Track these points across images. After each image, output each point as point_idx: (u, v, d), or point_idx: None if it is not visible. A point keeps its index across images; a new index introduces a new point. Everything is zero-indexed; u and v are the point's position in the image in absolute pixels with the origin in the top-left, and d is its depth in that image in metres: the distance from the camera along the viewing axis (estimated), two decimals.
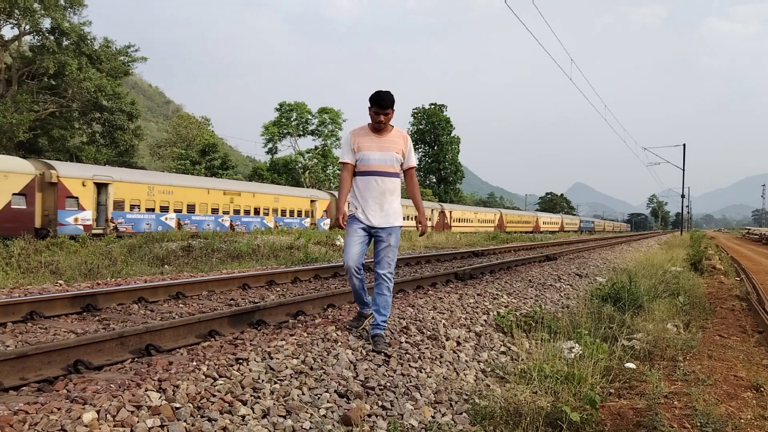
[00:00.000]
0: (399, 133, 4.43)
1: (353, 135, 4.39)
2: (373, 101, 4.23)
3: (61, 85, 36.04)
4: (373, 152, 4.30)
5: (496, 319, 6.31)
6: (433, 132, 67.42)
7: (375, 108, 4.25)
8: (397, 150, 4.36)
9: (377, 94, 4.23)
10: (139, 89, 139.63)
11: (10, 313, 5.70)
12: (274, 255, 16.07)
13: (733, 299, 9.53)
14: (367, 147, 4.31)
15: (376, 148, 4.30)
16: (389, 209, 4.36)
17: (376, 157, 4.30)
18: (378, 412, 3.56)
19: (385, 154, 4.31)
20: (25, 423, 2.65)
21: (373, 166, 4.30)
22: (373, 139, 4.33)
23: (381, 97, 4.20)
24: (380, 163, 4.30)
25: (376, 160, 4.30)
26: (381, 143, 4.32)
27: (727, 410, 3.86)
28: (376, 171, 4.30)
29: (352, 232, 4.38)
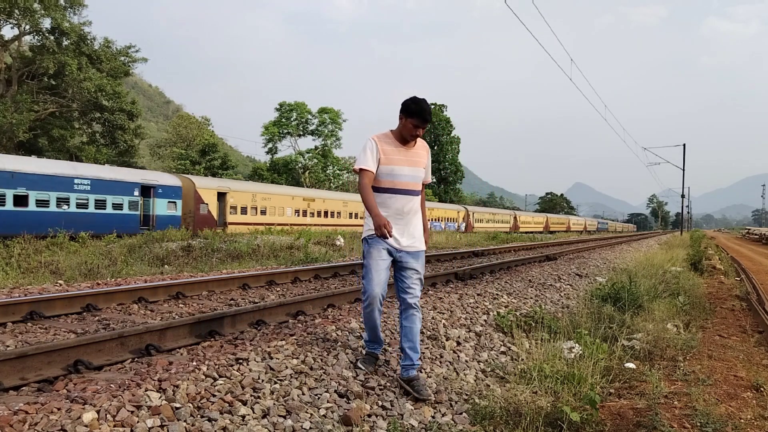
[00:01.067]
0: (422, 144, 3.87)
1: (379, 142, 3.73)
2: (413, 112, 3.63)
3: (61, 85, 36.05)
4: (403, 167, 3.73)
5: (496, 319, 6.31)
6: (433, 132, 67.40)
7: (415, 120, 3.63)
8: (423, 165, 3.85)
9: (419, 105, 3.63)
10: (139, 89, 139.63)
11: (10, 313, 5.70)
12: (274, 255, 16.07)
13: (733, 299, 9.53)
14: (397, 161, 3.72)
15: (406, 162, 3.74)
16: (415, 231, 3.82)
17: (406, 173, 3.73)
18: (378, 412, 3.56)
19: (414, 170, 3.78)
20: (25, 423, 2.65)
21: (402, 183, 3.73)
22: (401, 151, 3.75)
23: (423, 108, 3.61)
24: (410, 180, 3.75)
25: (406, 177, 3.73)
26: (409, 157, 3.76)
27: (727, 410, 3.86)
28: (405, 189, 3.73)
29: (378, 254, 3.74)
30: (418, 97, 3.66)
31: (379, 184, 3.73)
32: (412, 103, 3.63)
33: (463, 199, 76.46)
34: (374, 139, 3.75)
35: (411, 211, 3.78)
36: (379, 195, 3.72)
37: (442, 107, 69.28)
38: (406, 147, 3.76)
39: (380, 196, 3.72)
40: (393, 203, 3.72)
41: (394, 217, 3.71)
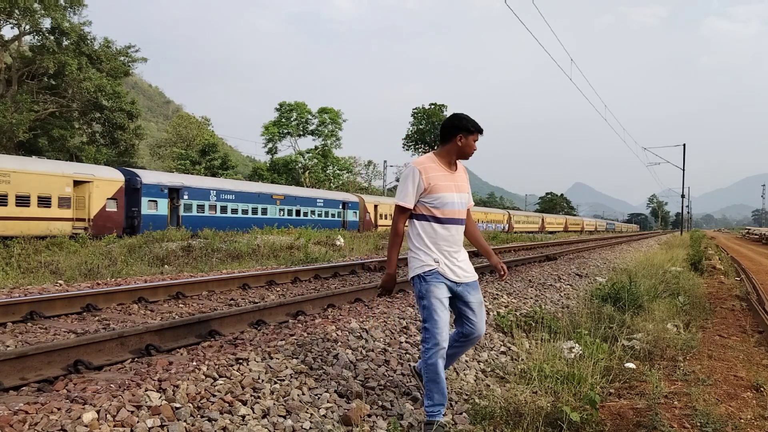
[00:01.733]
0: (462, 167, 3.55)
1: (423, 170, 3.33)
2: (474, 128, 3.36)
3: (61, 85, 36.04)
4: (452, 194, 3.36)
5: (496, 319, 6.31)
6: (433, 132, 67.38)
7: (476, 135, 3.39)
8: (467, 190, 3.52)
9: (470, 120, 3.39)
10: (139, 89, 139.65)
11: (10, 313, 5.71)
12: (274, 255, 16.07)
13: (733, 299, 9.53)
14: (445, 187, 3.34)
15: (454, 188, 3.39)
16: (466, 261, 3.50)
17: (456, 200, 3.38)
18: (378, 412, 3.56)
19: (462, 196, 3.44)
20: (25, 423, 2.65)
21: (455, 212, 3.38)
22: (447, 176, 3.37)
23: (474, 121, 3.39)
24: (459, 208, 3.42)
25: (456, 205, 3.38)
26: (456, 181, 3.41)
27: (727, 410, 3.86)
28: (454, 219, 3.39)
29: (440, 292, 3.33)
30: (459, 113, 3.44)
31: (429, 212, 3.36)
32: (465, 121, 3.37)
33: None
34: (417, 167, 3.35)
35: (459, 240, 3.45)
36: (435, 226, 3.35)
37: (442, 107, 69.27)
38: (450, 171, 3.41)
39: (435, 227, 3.35)
40: (446, 233, 3.36)
41: (447, 248, 3.35)
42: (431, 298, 3.30)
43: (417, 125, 68.77)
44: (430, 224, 3.36)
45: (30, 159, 21.62)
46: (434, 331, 3.29)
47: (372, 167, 71.58)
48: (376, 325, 5.16)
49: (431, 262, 3.33)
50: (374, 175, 71.25)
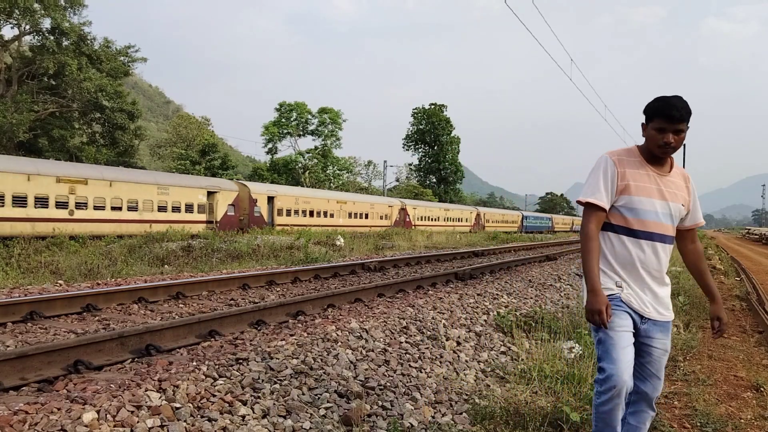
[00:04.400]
0: (681, 172, 2.70)
1: (618, 162, 2.62)
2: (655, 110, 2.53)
3: (61, 85, 36.03)
4: (653, 200, 2.58)
5: (496, 319, 6.31)
6: (433, 132, 67.40)
7: (659, 121, 2.51)
8: (682, 200, 2.64)
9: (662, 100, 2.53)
10: (139, 89, 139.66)
11: (10, 313, 5.70)
12: (274, 255, 16.07)
13: (733, 299, 9.53)
14: (644, 190, 2.58)
15: (657, 193, 2.59)
16: (665, 294, 2.68)
17: (657, 209, 2.58)
18: (378, 412, 3.56)
19: (667, 205, 2.60)
20: (25, 423, 2.65)
21: (649, 223, 2.58)
22: (651, 177, 2.60)
23: (669, 103, 2.49)
24: (662, 220, 2.59)
25: (657, 215, 2.58)
26: (663, 185, 2.60)
27: (727, 410, 3.86)
28: (654, 233, 2.59)
29: (621, 324, 2.59)
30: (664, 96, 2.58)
31: (614, 221, 2.64)
32: (654, 101, 2.55)
33: (464, 199, 76.49)
34: (610, 157, 2.64)
35: (662, 264, 2.63)
36: (613, 237, 2.65)
37: (442, 107, 69.27)
38: (658, 171, 2.61)
39: (625, 239, 2.62)
40: (640, 251, 2.60)
41: (635, 271, 2.61)
42: (611, 329, 2.56)
43: (417, 125, 68.77)
44: (618, 237, 2.63)
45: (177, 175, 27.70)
46: (610, 369, 2.52)
47: (372, 167, 71.63)
48: (376, 325, 5.16)
49: (612, 286, 2.61)
50: (374, 175, 71.30)
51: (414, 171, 71.27)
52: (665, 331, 2.67)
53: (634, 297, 2.61)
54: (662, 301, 2.66)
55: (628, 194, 2.58)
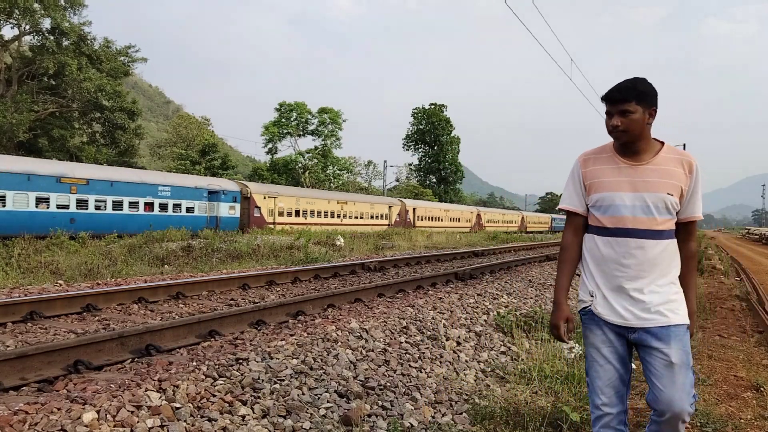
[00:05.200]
0: (675, 155, 2.37)
1: (583, 162, 2.50)
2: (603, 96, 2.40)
3: (61, 85, 36.04)
4: (622, 193, 2.36)
5: (496, 319, 6.31)
6: (433, 132, 67.41)
7: (606, 105, 2.37)
8: (667, 188, 2.32)
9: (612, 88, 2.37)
10: (139, 89, 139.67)
11: (10, 313, 5.70)
12: (274, 255, 16.08)
13: (733, 299, 9.53)
14: (611, 185, 2.39)
15: (628, 186, 2.36)
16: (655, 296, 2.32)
17: (628, 202, 2.35)
18: (378, 412, 3.56)
19: (640, 196, 2.34)
20: (25, 423, 2.65)
21: (625, 220, 2.35)
22: (622, 169, 2.38)
23: (613, 86, 2.35)
24: (640, 215, 2.33)
25: (631, 209, 2.34)
26: (637, 176, 2.35)
27: (727, 410, 3.86)
28: (627, 229, 2.34)
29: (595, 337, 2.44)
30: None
31: (591, 222, 2.48)
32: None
33: (464, 199, 76.49)
34: (579, 159, 2.52)
35: (644, 263, 2.32)
36: (597, 239, 2.43)
37: (442, 107, 69.28)
38: (632, 161, 2.37)
39: (597, 240, 2.43)
40: (611, 250, 2.37)
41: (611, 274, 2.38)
42: (586, 347, 2.47)
43: (417, 125, 68.78)
44: (593, 238, 2.45)
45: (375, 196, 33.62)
46: (590, 392, 2.45)
47: (372, 167, 71.64)
48: (376, 325, 5.16)
49: (585, 297, 2.46)
50: (374, 175, 71.31)
51: (414, 171, 71.29)
52: (663, 338, 2.29)
53: (608, 306, 2.38)
54: (650, 305, 2.31)
55: (596, 192, 2.43)
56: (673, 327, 2.29)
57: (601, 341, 2.40)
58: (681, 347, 2.28)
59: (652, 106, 2.31)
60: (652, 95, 2.31)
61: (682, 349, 2.28)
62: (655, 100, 2.32)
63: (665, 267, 2.34)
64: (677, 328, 2.30)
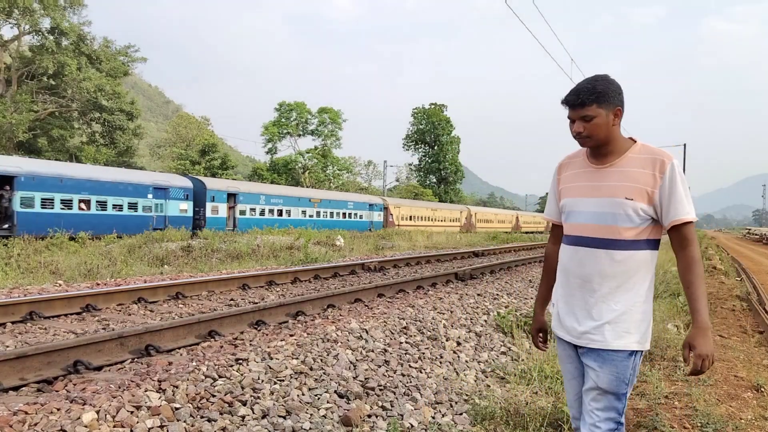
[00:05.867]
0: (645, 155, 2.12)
1: (559, 168, 2.38)
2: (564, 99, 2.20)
3: (60, 85, 36.05)
4: (584, 198, 2.20)
5: (497, 320, 6.31)
6: (433, 132, 67.41)
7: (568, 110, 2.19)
8: (627, 192, 2.09)
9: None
10: (139, 89, 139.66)
11: (10, 314, 5.70)
12: (274, 255, 16.07)
13: (734, 299, 9.52)
14: (574, 190, 2.24)
15: (588, 191, 2.19)
16: (604, 311, 2.11)
17: (586, 208, 2.18)
18: (378, 413, 3.55)
19: (600, 203, 2.15)
20: (25, 423, 2.65)
21: (578, 227, 2.20)
22: (588, 171, 2.22)
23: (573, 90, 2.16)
24: (599, 222, 2.14)
25: (590, 216, 2.17)
26: (599, 180, 2.17)
27: (727, 410, 3.86)
28: (583, 238, 2.17)
29: (560, 355, 2.36)
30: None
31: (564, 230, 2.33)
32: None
33: (464, 199, 76.49)
34: (557, 165, 2.40)
35: (596, 276, 2.13)
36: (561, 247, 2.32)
37: (442, 107, 69.29)
38: (597, 164, 2.19)
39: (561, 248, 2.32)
40: (568, 261, 2.23)
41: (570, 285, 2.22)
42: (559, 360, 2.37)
43: (417, 125, 68.78)
44: (562, 247, 2.31)
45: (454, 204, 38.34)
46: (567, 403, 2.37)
47: (372, 167, 71.64)
48: (376, 326, 5.16)
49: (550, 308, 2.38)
50: (374, 175, 71.30)
51: (414, 171, 71.28)
52: (601, 362, 2.09)
53: (558, 320, 2.27)
54: (594, 323, 2.12)
55: (563, 198, 2.31)
56: (611, 351, 2.08)
57: (565, 356, 2.32)
58: (614, 373, 2.08)
59: (616, 106, 2.12)
60: (615, 94, 2.12)
61: (615, 376, 2.07)
62: (619, 99, 2.13)
63: (624, 281, 2.10)
64: (616, 354, 2.08)
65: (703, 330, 2.03)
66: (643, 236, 2.10)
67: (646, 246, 2.11)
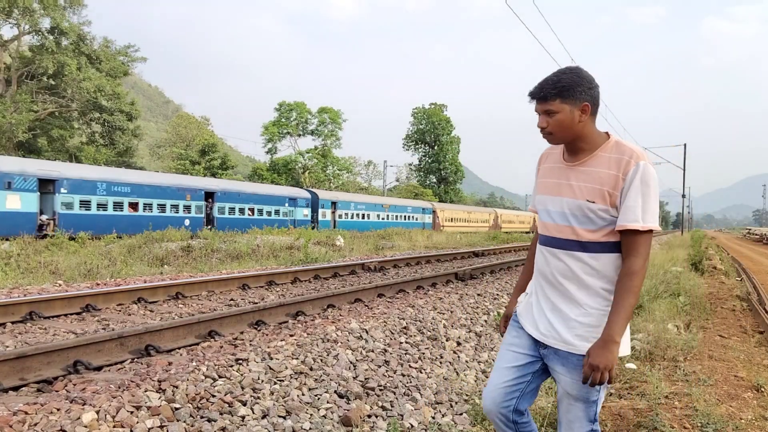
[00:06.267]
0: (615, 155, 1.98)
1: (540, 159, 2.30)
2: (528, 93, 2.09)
3: (60, 85, 36.05)
4: (551, 197, 2.13)
5: (497, 320, 6.31)
6: (433, 132, 67.41)
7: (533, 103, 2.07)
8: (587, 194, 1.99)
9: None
10: (139, 89, 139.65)
11: (10, 314, 5.70)
12: (274, 255, 16.07)
13: (734, 299, 9.52)
14: (546, 187, 2.17)
15: (555, 188, 2.11)
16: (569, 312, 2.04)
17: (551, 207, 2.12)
18: (378, 413, 3.55)
19: (561, 202, 2.07)
20: (25, 423, 2.64)
21: (550, 227, 2.12)
22: (560, 168, 2.12)
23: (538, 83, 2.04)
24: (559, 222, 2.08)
25: (554, 216, 2.10)
26: (568, 177, 2.07)
27: (727, 410, 3.85)
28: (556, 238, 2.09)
29: (509, 340, 2.24)
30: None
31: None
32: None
33: (464, 199, 76.49)
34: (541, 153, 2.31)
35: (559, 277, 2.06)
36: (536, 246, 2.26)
37: (442, 107, 69.29)
38: (569, 162, 2.08)
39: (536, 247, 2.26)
40: (538, 260, 2.19)
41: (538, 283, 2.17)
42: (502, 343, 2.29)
43: (417, 125, 68.78)
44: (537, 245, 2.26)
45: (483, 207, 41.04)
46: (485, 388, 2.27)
47: (372, 167, 71.64)
48: (376, 326, 5.16)
49: (521, 298, 2.30)
50: (374, 175, 71.30)
51: (414, 171, 71.28)
52: (569, 366, 2.00)
53: (528, 314, 2.17)
54: (569, 325, 2.02)
55: (537, 193, 2.23)
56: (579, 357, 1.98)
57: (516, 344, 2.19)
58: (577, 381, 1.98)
59: (583, 101, 1.96)
60: (582, 88, 1.96)
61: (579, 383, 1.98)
62: (587, 94, 1.97)
63: (589, 284, 2.00)
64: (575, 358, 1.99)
65: (605, 341, 1.88)
66: (610, 239, 1.98)
67: (616, 249, 1.99)
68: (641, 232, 1.90)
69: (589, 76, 2.02)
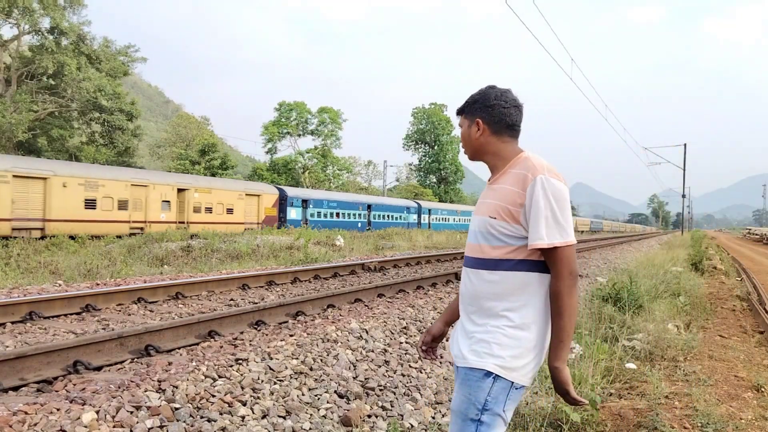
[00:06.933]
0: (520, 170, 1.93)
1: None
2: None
3: (60, 85, 36.03)
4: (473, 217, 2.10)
5: None
6: (434, 132, 67.42)
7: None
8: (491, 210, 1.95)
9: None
10: (139, 89, 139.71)
11: (10, 314, 5.69)
12: (274, 255, 16.07)
13: (734, 299, 9.52)
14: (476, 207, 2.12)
15: (476, 208, 2.09)
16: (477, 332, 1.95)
17: (471, 226, 2.09)
18: (378, 413, 3.55)
19: (476, 220, 2.04)
20: (25, 423, 2.64)
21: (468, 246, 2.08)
22: (486, 188, 2.09)
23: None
24: (472, 241, 2.05)
25: (469, 235, 2.09)
26: (483, 197, 2.07)
27: (727, 410, 3.85)
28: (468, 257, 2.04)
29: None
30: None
31: None
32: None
33: (464, 199, 76.50)
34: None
35: (475, 296, 1.98)
36: None
37: (443, 107, 69.30)
38: (490, 180, 2.06)
39: None
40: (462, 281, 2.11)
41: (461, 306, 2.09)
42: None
43: (417, 125, 68.78)
44: None
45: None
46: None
47: (372, 167, 71.65)
48: (376, 326, 5.15)
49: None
50: (374, 175, 71.31)
51: (414, 171, 71.28)
52: (461, 381, 1.93)
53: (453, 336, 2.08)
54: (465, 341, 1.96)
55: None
56: (467, 370, 1.91)
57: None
58: (466, 394, 1.89)
59: (474, 117, 1.98)
60: (478, 105, 1.99)
61: (467, 397, 1.89)
62: (484, 111, 1.97)
63: (493, 302, 1.92)
64: (471, 372, 1.90)
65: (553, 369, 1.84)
66: (517, 256, 1.89)
67: (523, 267, 1.89)
68: (552, 249, 1.82)
69: (493, 93, 2.00)
